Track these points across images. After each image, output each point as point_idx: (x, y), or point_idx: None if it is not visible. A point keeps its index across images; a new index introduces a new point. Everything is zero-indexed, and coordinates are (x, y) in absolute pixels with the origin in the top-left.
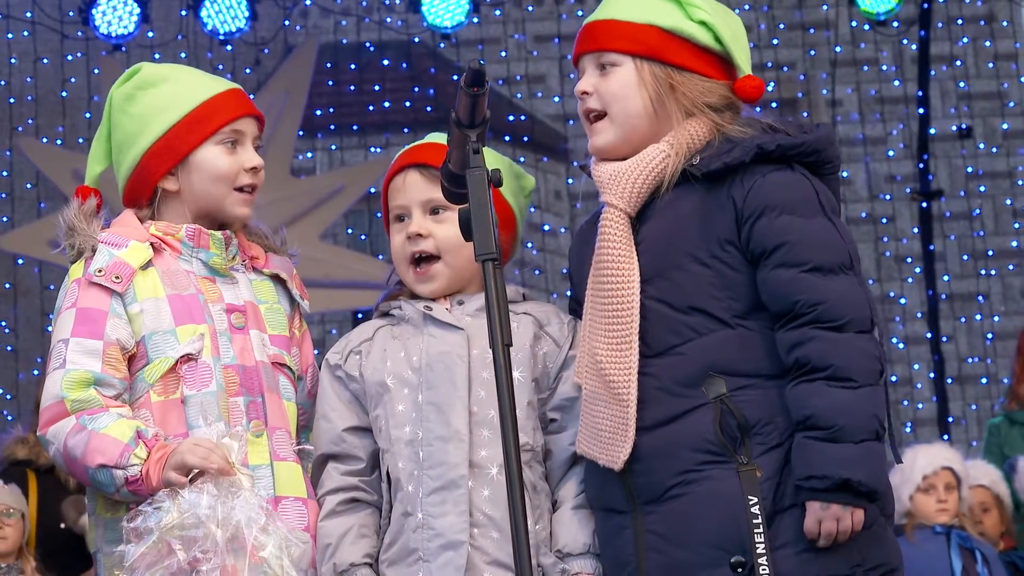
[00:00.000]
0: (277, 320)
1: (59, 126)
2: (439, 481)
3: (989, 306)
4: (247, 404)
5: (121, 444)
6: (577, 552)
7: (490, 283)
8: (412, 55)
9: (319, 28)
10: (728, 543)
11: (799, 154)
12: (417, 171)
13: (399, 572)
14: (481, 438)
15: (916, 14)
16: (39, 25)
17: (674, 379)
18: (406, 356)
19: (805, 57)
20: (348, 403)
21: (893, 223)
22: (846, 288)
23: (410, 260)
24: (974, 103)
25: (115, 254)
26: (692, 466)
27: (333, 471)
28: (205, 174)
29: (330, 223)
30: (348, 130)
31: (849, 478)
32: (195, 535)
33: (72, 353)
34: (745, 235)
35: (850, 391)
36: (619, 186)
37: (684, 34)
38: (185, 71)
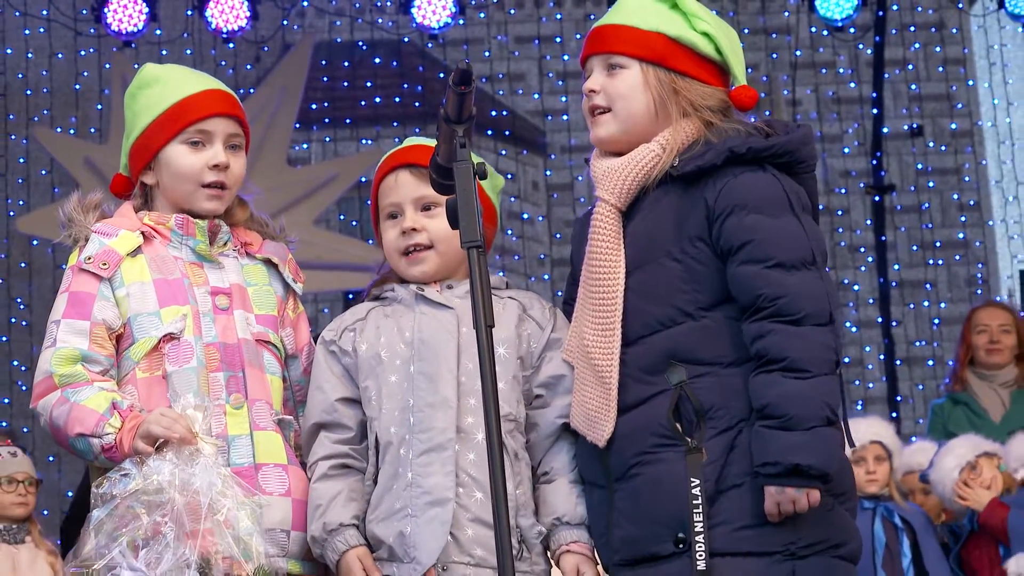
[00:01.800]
0: (265, 301)
1: (72, 117)
2: (428, 444)
3: (936, 293)
4: (227, 379)
5: (97, 414)
6: (576, 523)
7: (474, 268)
8: (402, 54)
9: (315, 28)
10: (673, 521)
11: (770, 156)
12: (407, 171)
13: (388, 527)
14: (468, 406)
15: (871, 21)
16: (54, 22)
17: (639, 367)
18: (399, 332)
19: (768, 60)
20: (340, 376)
21: (848, 215)
22: (806, 283)
23: (403, 252)
24: (924, 104)
25: (105, 243)
26: (649, 448)
27: (325, 439)
28: (171, 171)
29: (323, 209)
30: (341, 123)
31: (799, 463)
32: (157, 500)
33: (62, 333)
34: (716, 232)
35: (803, 381)
36: (611, 182)
37: (688, 43)
38: (176, 72)
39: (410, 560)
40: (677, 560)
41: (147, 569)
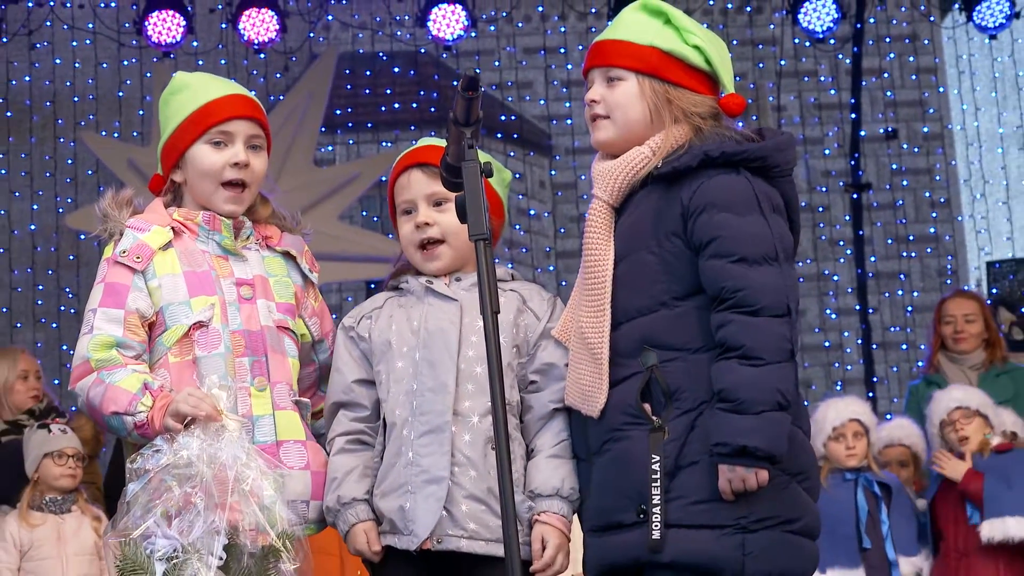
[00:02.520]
0: (284, 291)
1: (116, 121)
2: (427, 426)
3: (909, 283)
4: (251, 363)
5: (130, 394)
6: (546, 494)
7: (481, 258)
8: (418, 63)
9: (339, 40)
10: (636, 493)
11: (743, 160)
12: (419, 170)
13: (389, 502)
14: (465, 391)
15: (850, 33)
16: (99, 35)
17: (619, 351)
18: (408, 321)
19: (755, 69)
20: (358, 359)
21: (828, 211)
22: (766, 278)
23: (418, 245)
24: (899, 109)
25: (138, 237)
26: (620, 425)
27: (343, 416)
28: (195, 169)
29: (347, 206)
30: (363, 127)
31: (746, 445)
32: (187, 473)
33: (99, 320)
34: (689, 228)
35: (756, 368)
36: (604, 181)
37: (680, 55)
38: (203, 79)
39: (408, 532)
40: (638, 529)
41: (180, 537)
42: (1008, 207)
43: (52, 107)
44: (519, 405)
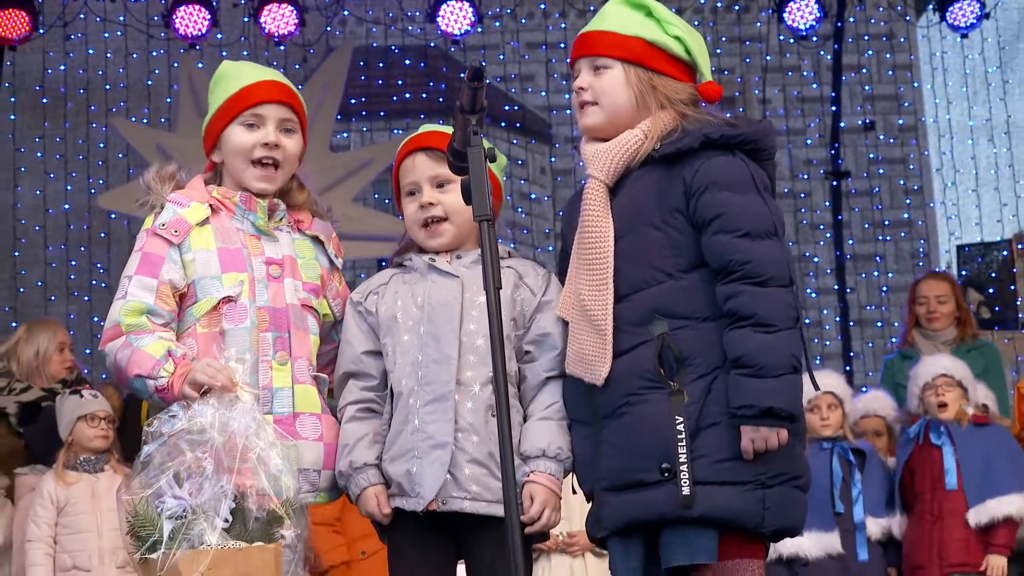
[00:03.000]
0: (311, 272)
1: (145, 108)
2: (432, 395)
3: (885, 265)
4: (275, 338)
5: (154, 359)
6: (533, 455)
7: (485, 237)
8: (428, 57)
9: (354, 34)
10: (659, 453)
11: (739, 143)
12: (423, 153)
13: (397, 467)
14: (467, 362)
15: (831, 31)
16: (129, 27)
17: (627, 320)
18: (413, 297)
19: (742, 64)
20: (366, 332)
21: (810, 197)
22: (770, 251)
23: (422, 224)
24: (876, 103)
25: (178, 212)
26: (636, 390)
27: (353, 386)
28: (229, 148)
29: (360, 189)
30: (376, 116)
31: (772, 406)
32: (200, 439)
33: (133, 287)
34: (692, 206)
35: (771, 335)
36: (600, 162)
37: (662, 45)
38: (241, 66)
39: (415, 495)
40: (662, 487)
41: (189, 498)
42: (977, 195)
43: (85, 94)
44: (516, 375)
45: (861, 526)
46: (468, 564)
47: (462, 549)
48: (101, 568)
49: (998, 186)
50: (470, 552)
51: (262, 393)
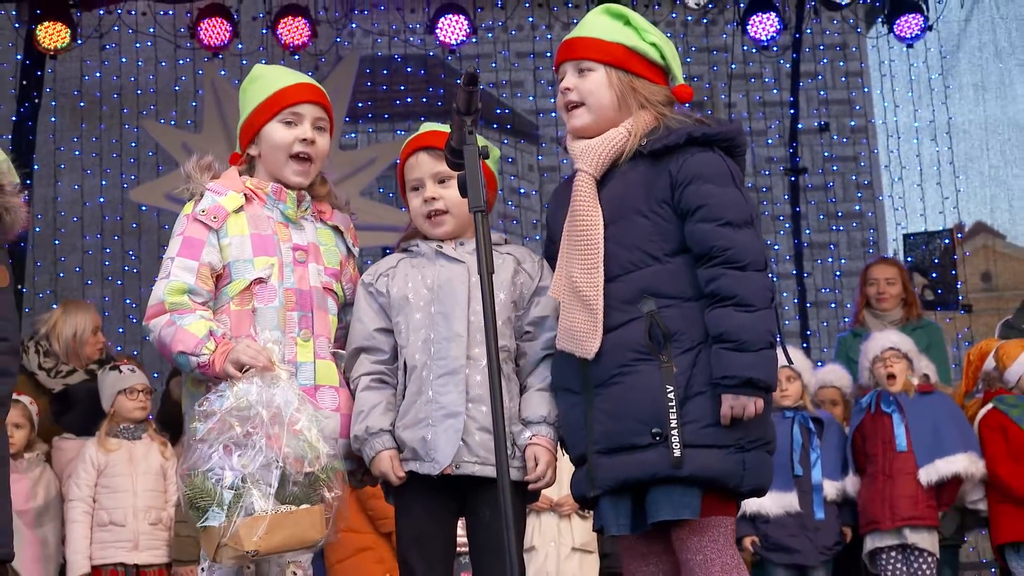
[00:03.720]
0: (332, 258)
1: (172, 111)
2: (444, 369)
3: (838, 252)
4: (299, 318)
5: (197, 338)
6: (535, 420)
7: (479, 227)
8: (428, 65)
9: (361, 44)
10: (650, 419)
11: (718, 140)
12: (425, 152)
13: (412, 433)
14: (476, 339)
15: (790, 42)
16: (159, 38)
17: (618, 299)
18: (422, 279)
19: (710, 71)
20: (377, 311)
21: (771, 192)
22: (748, 239)
23: (426, 215)
24: (831, 106)
25: (216, 200)
26: (628, 362)
27: (365, 359)
28: (269, 143)
29: (366, 184)
30: (381, 118)
31: (751, 377)
32: (247, 414)
33: (175, 268)
34: (677, 197)
35: (750, 314)
36: (588, 157)
37: (640, 51)
38: (275, 70)
39: (431, 460)
40: (653, 450)
41: (242, 469)
42: (921, 188)
43: (118, 99)
44: (516, 351)
45: (818, 488)
46: (468, 521)
47: (464, 508)
48: (135, 523)
49: (940, 181)
50: (471, 511)
51: (288, 367)
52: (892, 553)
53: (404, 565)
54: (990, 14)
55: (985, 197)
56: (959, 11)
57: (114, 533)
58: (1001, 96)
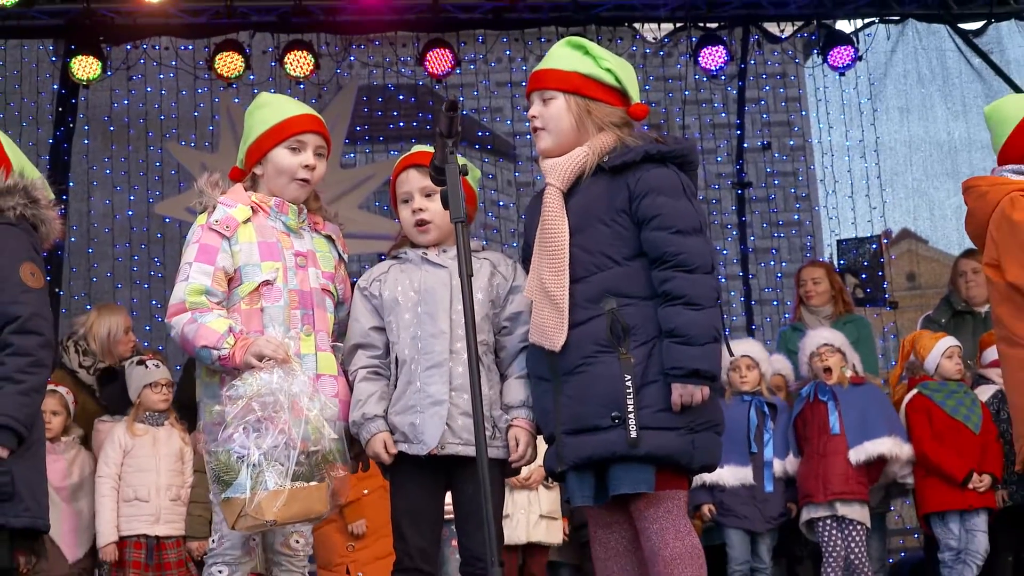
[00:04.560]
0: (327, 263)
1: (192, 135)
2: (430, 362)
3: (779, 256)
4: (302, 315)
5: (218, 334)
6: (515, 404)
7: (459, 236)
8: (418, 93)
9: (359, 75)
10: (610, 403)
11: (672, 157)
12: (414, 169)
13: (403, 419)
14: (457, 335)
15: (736, 71)
16: (180, 70)
17: (583, 298)
18: (410, 283)
19: (666, 97)
20: (371, 311)
21: (720, 203)
22: (698, 244)
23: (414, 224)
24: (772, 128)
25: (228, 211)
26: (591, 353)
27: (361, 354)
28: (275, 166)
29: (364, 197)
30: (377, 140)
31: (698, 368)
32: (268, 400)
33: (194, 272)
34: (634, 207)
35: (698, 312)
36: (556, 174)
37: (597, 77)
38: (281, 100)
39: (419, 442)
40: (613, 431)
41: (261, 448)
42: (852, 200)
43: (144, 123)
44: (495, 344)
45: (769, 464)
46: (454, 495)
47: (450, 484)
48: (157, 499)
49: (869, 193)
50: (456, 486)
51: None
52: (827, 522)
53: (397, 532)
54: (913, 45)
55: (909, 207)
56: (885, 43)
57: (138, 508)
58: (923, 118)
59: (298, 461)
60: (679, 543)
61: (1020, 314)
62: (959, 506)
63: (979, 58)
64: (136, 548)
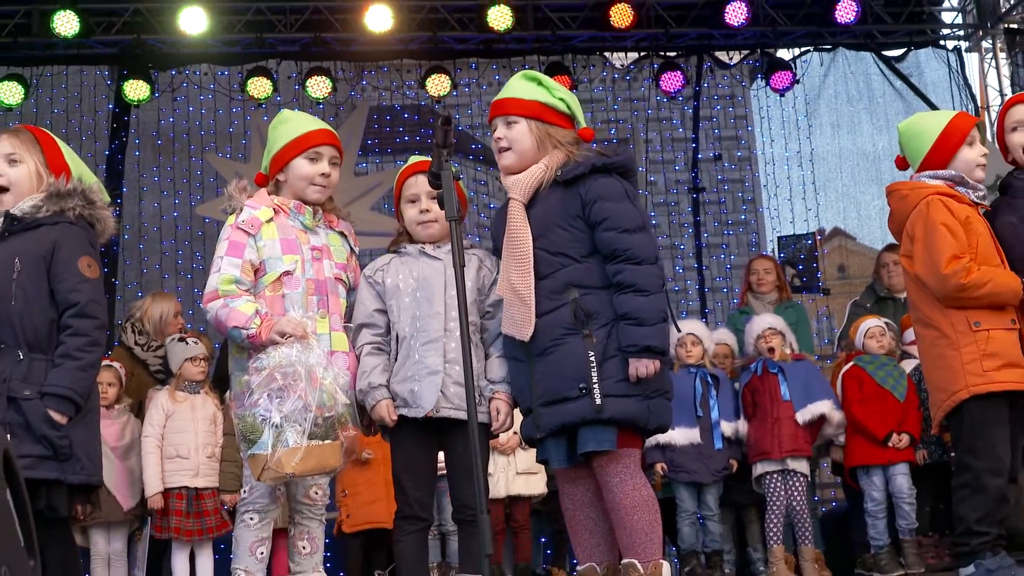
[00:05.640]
0: (340, 255)
1: (227, 147)
2: (427, 338)
3: (728, 251)
4: (318, 300)
5: (247, 316)
6: (497, 380)
7: (453, 232)
8: (420, 111)
9: (371, 96)
10: (578, 377)
11: (615, 167)
12: (421, 175)
13: (402, 387)
14: (450, 316)
15: (692, 93)
16: (217, 92)
17: (550, 291)
18: (409, 272)
19: (631, 115)
20: (375, 296)
21: (678, 206)
22: (642, 240)
23: (419, 222)
24: (722, 141)
25: (253, 212)
26: (558, 336)
27: (366, 332)
28: (296, 173)
29: (375, 201)
30: (385, 152)
31: (649, 345)
32: (288, 371)
33: (225, 264)
34: (587, 213)
35: (646, 297)
36: (518, 188)
37: (552, 105)
38: (301, 116)
39: (417, 406)
40: (581, 400)
41: (281, 411)
42: (791, 203)
43: (187, 138)
44: (480, 326)
45: (716, 424)
46: (446, 453)
47: (443, 443)
48: (196, 456)
49: (805, 197)
50: (448, 445)
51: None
52: (774, 476)
53: (397, 484)
54: (843, 70)
55: (840, 208)
56: (819, 68)
57: (179, 464)
58: (852, 132)
59: (314, 422)
60: (636, 493)
61: (930, 300)
62: (881, 461)
63: (900, 81)
64: (178, 498)
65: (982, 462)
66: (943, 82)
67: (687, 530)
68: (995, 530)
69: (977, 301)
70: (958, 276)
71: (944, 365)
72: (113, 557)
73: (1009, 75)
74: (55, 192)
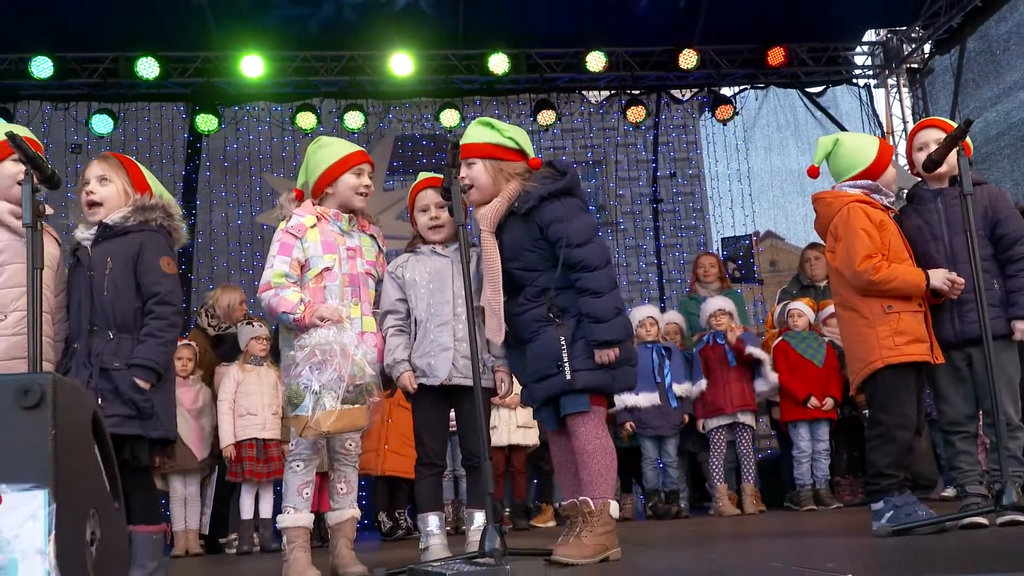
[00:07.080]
0: (370, 254)
1: (281, 169)
2: (440, 321)
3: (682, 250)
4: (352, 291)
5: (293, 303)
6: (499, 356)
7: (461, 236)
8: (436, 139)
9: (396, 128)
10: (554, 357)
11: (559, 192)
12: (432, 189)
13: (422, 360)
14: (458, 303)
15: (653, 123)
16: (272, 123)
17: (531, 294)
18: (424, 268)
19: (604, 142)
20: (397, 288)
21: (641, 214)
22: (593, 250)
23: (430, 227)
24: (677, 162)
25: (300, 220)
26: (538, 328)
27: (391, 318)
28: (345, 186)
29: (400, 211)
30: (408, 172)
31: (608, 339)
32: (326, 348)
33: (277, 262)
34: (545, 235)
35: (602, 298)
36: (485, 221)
37: (502, 144)
38: (336, 140)
39: (433, 376)
40: (558, 376)
41: (320, 380)
42: (732, 211)
43: (248, 161)
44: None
45: (670, 387)
46: (456, 412)
47: (454, 405)
48: (263, 414)
49: (743, 206)
50: (458, 406)
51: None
52: (722, 429)
53: (418, 438)
54: (774, 104)
55: (772, 215)
56: (755, 102)
57: (249, 420)
58: (781, 154)
59: (347, 390)
60: (597, 441)
61: (850, 287)
62: (807, 417)
63: (820, 112)
64: (249, 447)
65: (892, 418)
66: (856, 113)
67: (650, 474)
68: (902, 474)
69: (886, 293)
70: (869, 273)
71: (862, 340)
72: (188, 498)
73: (911, 107)
74: (141, 205)
